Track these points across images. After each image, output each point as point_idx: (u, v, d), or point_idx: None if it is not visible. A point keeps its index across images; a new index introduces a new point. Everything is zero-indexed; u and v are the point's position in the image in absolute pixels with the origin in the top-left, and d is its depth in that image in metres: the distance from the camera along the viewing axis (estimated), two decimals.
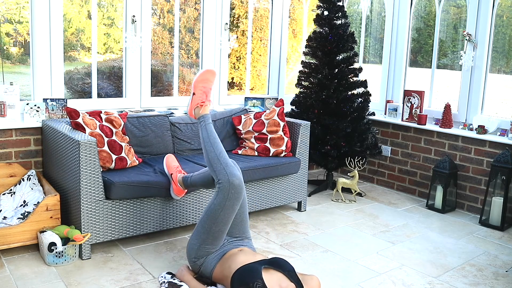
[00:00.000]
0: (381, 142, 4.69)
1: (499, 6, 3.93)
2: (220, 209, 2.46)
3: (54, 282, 2.55)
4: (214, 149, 2.61)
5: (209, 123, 2.73)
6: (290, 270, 2.29)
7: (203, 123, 2.73)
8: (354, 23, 5.09)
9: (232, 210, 2.49)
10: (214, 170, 2.56)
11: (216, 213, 2.46)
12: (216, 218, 2.47)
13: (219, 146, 2.64)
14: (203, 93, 2.80)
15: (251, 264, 2.29)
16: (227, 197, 2.46)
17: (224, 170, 2.51)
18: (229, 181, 2.46)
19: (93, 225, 2.82)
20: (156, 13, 4.75)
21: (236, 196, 2.47)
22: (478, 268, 2.97)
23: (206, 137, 2.68)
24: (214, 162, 2.57)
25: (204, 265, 2.51)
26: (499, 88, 4.11)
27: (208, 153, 2.62)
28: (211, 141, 2.65)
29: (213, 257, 2.51)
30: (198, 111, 2.79)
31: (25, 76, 3.72)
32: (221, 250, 2.53)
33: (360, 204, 4.16)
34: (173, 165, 3.04)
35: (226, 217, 2.48)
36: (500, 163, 3.63)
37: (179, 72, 4.34)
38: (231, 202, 2.46)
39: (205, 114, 2.76)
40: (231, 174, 2.48)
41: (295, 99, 4.39)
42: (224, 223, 2.49)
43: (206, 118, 2.75)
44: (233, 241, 2.60)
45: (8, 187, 3.22)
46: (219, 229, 2.49)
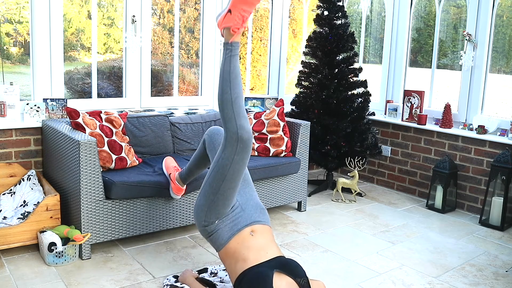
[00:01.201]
0: (381, 142, 4.69)
1: (499, 6, 3.93)
2: (229, 164, 2.25)
3: (54, 282, 2.55)
4: (231, 90, 2.28)
5: (235, 55, 2.33)
6: (302, 277, 2.18)
7: (229, 53, 2.32)
8: (354, 23, 5.09)
9: (242, 164, 2.28)
10: (223, 115, 2.28)
11: (225, 170, 2.26)
12: (225, 175, 2.27)
13: (238, 88, 2.30)
14: (241, 18, 2.31)
15: (262, 269, 2.17)
16: (235, 151, 2.24)
17: (234, 120, 2.24)
18: (238, 133, 2.23)
19: (93, 225, 2.82)
20: (156, 13, 4.74)
21: (245, 150, 2.26)
22: (478, 268, 2.97)
23: (227, 72, 2.30)
24: (226, 105, 2.27)
25: (216, 234, 2.35)
26: (499, 88, 4.10)
27: (223, 93, 2.29)
28: (231, 79, 2.29)
29: (226, 229, 2.34)
30: (228, 35, 2.32)
31: (25, 76, 3.72)
32: (235, 222, 2.35)
33: (360, 204, 4.16)
34: (171, 166, 3.03)
35: (236, 173, 2.28)
36: (500, 163, 3.63)
37: (179, 72, 4.34)
38: (240, 156, 2.26)
39: (235, 42, 2.32)
40: (240, 127, 2.23)
41: (295, 99, 4.39)
42: (234, 179, 2.29)
43: (235, 47, 2.32)
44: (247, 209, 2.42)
45: (8, 187, 3.22)
46: (229, 186, 2.29)
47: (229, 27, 2.31)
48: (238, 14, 2.31)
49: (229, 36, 2.33)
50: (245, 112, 2.30)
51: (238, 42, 2.34)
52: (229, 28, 2.31)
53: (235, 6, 2.30)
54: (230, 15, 2.32)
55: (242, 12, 2.31)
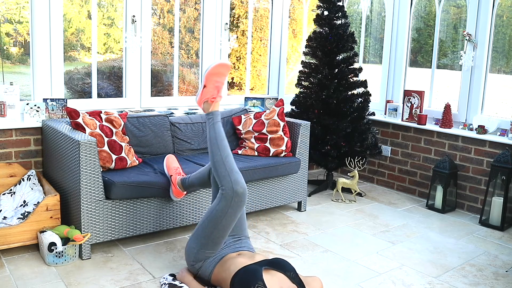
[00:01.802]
0: (381, 142, 4.69)
1: (499, 6, 3.93)
2: (222, 216, 2.41)
3: (54, 282, 2.55)
4: (221, 152, 2.52)
5: (218, 122, 2.60)
6: (291, 271, 2.27)
7: (211, 121, 2.60)
8: (354, 23, 5.09)
9: (234, 217, 2.44)
10: (218, 174, 2.48)
11: (218, 220, 2.42)
12: (217, 224, 2.42)
13: (226, 149, 2.54)
14: (215, 88, 2.61)
15: (251, 266, 2.27)
16: (229, 205, 2.40)
17: (228, 177, 2.43)
18: (233, 189, 2.40)
19: (93, 225, 2.82)
20: (156, 13, 4.75)
21: (239, 204, 2.41)
22: (478, 268, 2.97)
23: (214, 137, 2.56)
24: (219, 165, 2.49)
25: (203, 268, 2.49)
26: (499, 88, 4.10)
27: (214, 155, 2.53)
28: (218, 142, 2.54)
29: (211, 260, 2.48)
30: (208, 106, 2.63)
31: (25, 76, 3.72)
32: (220, 254, 2.50)
33: (360, 204, 4.16)
34: (173, 166, 3.03)
35: (227, 224, 2.43)
36: (500, 163, 3.63)
37: (179, 72, 4.34)
38: (233, 210, 2.41)
39: (215, 111, 2.61)
40: (235, 182, 2.41)
41: (295, 99, 4.39)
42: (225, 229, 2.45)
43: (215, 115, 2.60)
44: (231, 243, 2.57)
45: (8, 187, 3.22)
46: (219, 235, 2.45)
47: (207, 99, 2.62)
48: (212, 86, 2.61)
49: (208, 107, 2.62)
50: (237, 168, 2.50)
51: (217, 110, 2.63)
52: (207, 100, 2.62)
53: (209, 80, 2.61)
54: (206, 89, 2.62)
55: (215, 84, 2.61)
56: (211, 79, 2.61)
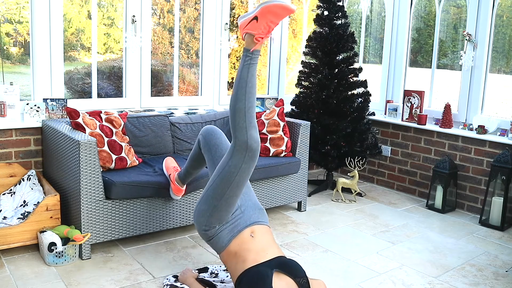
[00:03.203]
0: (381, 142, 4.69)
1: (499, 6, 3.93)
2: (236, 172, 2.26)
3: (54, 282, 2.55)
4: (246, 100, 2.26)
5: (254, 64, 2.29)
6: (302, 277, 2.18)
7: (248, 61, 2.28)
8: (354, 23, 5.09)
9: (248, 172, 2.30)
10: (235, 122, 2.27)
11: (231, 177, 2.26)
12: (230, 182, 2.27)
13: (252, 98, 2.29)
14: (267, 27, 2.25)
15: (262, 268, 2.18)
16: (243, 160, 2.25)
17: (245, 129, 2.24)
18: (247, 143, 2.24)
19: (93, 225, 2.82)
20: (156, 13, 4.74)
21: (252, 158, 2.27)
22: (478, 268, 2.97)
23: (244, 80, 2.27)
24: (238, 114, 2.26)
25: (216, 238, 2.36)
26: (499, 88, 4.10)
27: (237, 101, 2.27)
28: (247, 87, 2.27)
29: (226, 232, 2.35)
30: (251, 42, 2.27)
31: (25, 76, 3.72)
32: (235, 224, 2.36)
33: (360, 204, 4.16)
34: (171, 166, 3.03)
35: (241, 181, 2.29)
36: (500, 163, 3.63)
37: (179, 72, 4.34)
38: (247, 165, 2.27)
39: (256, 51, 2.28)
40: (250, 137, 2.24)
41: (295, 99, 4.39)
42: (238, 187, 2.30)
43: (255, 56, 2.28)
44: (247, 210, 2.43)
45: (8, 187, 3.22)
46: (233, 194, 2.30)
47: (253, 35, 2.25)
48: (265, 24, 2.25)
49: (251, 44, 2.27)
50: (256, 122, 2.30)
51: (259, 50, 2.29)
52: (252, 36, 2.25)
53: (264, 15, 2.23)
54: (256, 23, 2.25)
55: (269, 23, 2.25)
56: (266, 16, 2.23)
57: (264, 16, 2.23)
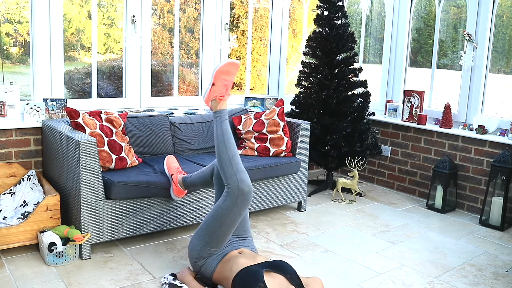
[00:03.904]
0: (381, 142, 4.69)
1: (499, 6, 3.93)
2: (227, 214, 2.42)
3: (54, 282, 2.55)
4: (227, 151, 2.51)
5: (225, 120, 2.60)
6: (292, 274, 2.27)
7: (219, 119, 2.59)
8: (354, 23, 5.09)
9: (239, 215, 2.45)
10: (224, 173, 2.49)
11: (223, 218, 2.43)
12: (222, 222, 2.43)
13: (233, 148, 2.54)
14: (224, 87, 2.61)
15: (252, 267, 2.28)
16: (235, 204, 2.41)
17: (235, 176, 2.44)
18: (239, 187, 2.41)
19: (93, 225, 2.82)
20: (156, 13, 4.75)
21: (244, 203, 2.43)
22: (478, 268, 2.97)
23: (221, 135, 2.55)
24: (225, 164, 2.49)
25: (205, 266, 2.50)
26: (499, 88, 4.10)
27: (221, 154, 2.53)
28: (225, 140, 2.53)
29: (213, 258, 2.49)
30: (216, 104, 2.62)
31: (25, 76, 3.72)
32: (222, 252, 2.51)
33: (360, 204, 4.16)
34: (174, 166, 3.03)
35: (232, 222, 2.45)
36: (500, 163, 3.63)
37: (179, 72, 4.34)
38: (238, 208, 2.42)
39: (223, 109, 2.61)
40: (241, 181, 2.42)
41: (295, 99, 4.39)
42: (229, 228, 2.46)
43: (223, 114, 2.60)
44: (234, 242, 2.58)
45: (8, 187, 3.22)
46: (223, 233, 2.46)
47: (215, 97, 2.61)
48: (221, 84, 2.61)
49: (216, 105, 2.62)
50: (243, 167, 2.50)
51: (225, 108, 2.62)
52: (215, 98, 2.61)
53: (217, 78, 2.62)
54: (214, 87, 2.62)
55: (224, 82, 2.61)
56: (220, 77, 2.61)
57: (218, 78, 2.61)
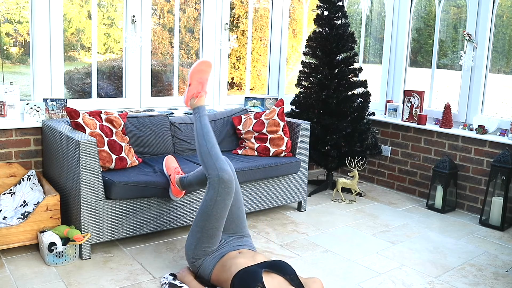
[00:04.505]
0: (381, 142, 4.69)
1: (499, 6, 3.93)
2: (212, 205, 2.45)
3: (54, 282, 2.55)
4: (206, 143, 2.59)
5: (204, 115, 2.70)
6: (291, 274, 2.25)
7: (197, 115, 2.71)
8: (354, 23, 5.09)
9: (224, 206, 2.47)
10: (205, 164, 2.55)
11: (208, 210, 2.45)
12: (209, 215, 2.46)
13: (212, 140, 2.62)
14: (199, 84, 2.77)
15: (251, 267, 2.27)
16: (217, 193, 2.45)
17: (214, 165, 2.50)
18: (219, 175, 2.45)
19: (93, 225, 2.82)
20: (156, 13, 4.75)
21: (226, 191, 2.46)
22: (478, 268, 2.97)
23: (200, 129, 2.65)
24: (205, 156, 2.56)
25: (203, 266, 2.49)
26: (499, 88, 4.11)
27: (200, 147, 2.61)
28: (204, 134, 2.63)
29: (211, 258, 2.48)
30: (194, 101, 2.77)
31: (25, 76, 3.72)
32: (220, 251, 2.50)
33: (360, 204, 4.16)
34: (172, 166, 3.03)
35: (218, 213, 2.46)
36: (500, 163, 3.63)
37: (179, 72, 4.34)
38: (222, 197, 2.45)
39: (200, 106, 2.75)
40: (220, 169, 2.47)
41: (295, 99, 4.39)
42: (217, 220, 2.47)
43: (201, 109, 2.73)
44: (231, 241, 2.57)
45: (8, 187, 3.22)
46: (212, 226, 2.47)
47: (193, 95, 2.77)
48: (196, 82, 2.77)
49: (194, 102, 2.77)
50: (222, 157, 2.57)
51: (203, 105, 2.75)
52: (193, 96, 2.77)
53: (192, 77, 2.78)
54: (191, 87, 2.79)
55: (199, 80, 2.77)
56: (194, 77, 2.77)
57: (193, 78, 2.78)
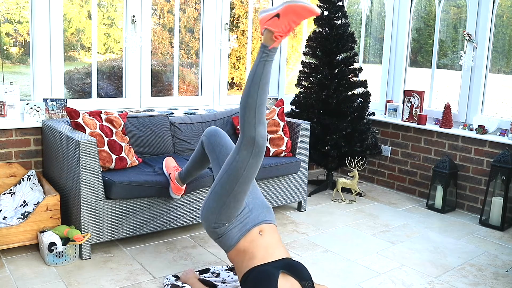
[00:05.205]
0: (381, 142, 4.69)
1: (499, 6, 3.93)
2: (243, 167, 2.27)
3: (54, 282, 2.55)
4: (258, 96, 2.26)
5: (270, 61, 2.29)
6: (307, 280, 2.19)
7: (265, 57, 2.27)
8: (354, 23, 5.09)
9: (255, 168, 2.31)
10: (244, 118, 2.27)
11: (239, 172, 2.28)
12: (238, 177, 2.28)
13: (264, 95, 2.28)
14: (288, 26, 2.24)
15: (268, 268, 2.19)
16: (250, 155, 2.26)
17: (254, 126, 2.25)
18: (255, 139, 2.25)
19: (93, 225, 2.82)
20: (156, 13, 4.75)
21: (259, 154, 2.28)
22: (478, 268, 2.97)
23: (259, 76, 2.26)
24: (249, 110, 2.26)
25: (226, 236, 2.36)
26: (499, 88, 4.11)
27: (249, 96, 2.26)
28: (260, 83, 2.26)
29: (236, 230, 2.35)
30: (269, 38, 2.25)
31: (25, 76, 3.72)
32: (244, 223, 2.36)
33: (360, 204, 4.16)
34: (172, 165, 3.04)
35: (248, 176, 2.30)
36: (500, 163, 3.63)
37: (179, 72, 4.34)
38: (254, 160, 2.28)
39: (274, 48, 2.28)
40: (258, 133, 2.25)
41: (295, 99, 4.39)
42: (247, 183, 2.31)
43: (272, 53, 2.28)
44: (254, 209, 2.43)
45: (8, 187, 3.22)
46: (241, 190, 2.30)
47: (273, 32, 2.24)
48: (286, 23, 2.24)
49: (269, 41, 2.26)
50: (265, 120, 2.30)
51: (277, 48, 2.29)
52: (272, 33, 2.24)
53: (286, 14, 2.23)
54: (278, 20, 2.24)
55: (291, 22, 2.24)
56: (289, 15, 2.22)
57: (287, 15, 2.22)
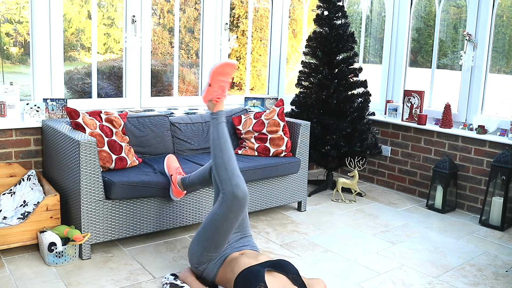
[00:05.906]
0: (381, 142, 4.69)
1: (499, 6, 3.93)
2: (223, 220, 2.39)
3: (54, 282, 2.55)
4: (223, 155, 2.47)
5: (222, 122, 2.55)
6: (294, 273, 2.26)
7: (215, 121, 2.56)
8: (354, 23, 5.09)
9: (235, 221, 2.42)
10: (219, 177, 2.45)
11: (219, 223, 2.40)
12: (218, 228, 2.40)
13: (229, 151, 2.49)
14: (220, 88, 2.57)
15: (254, 267, 2.27)
16: (230, 209, 2.38)
17: (229, 181, 2.40)
18: (233, 193, 2.37)
19: (93, 225, 2.82)
20: (156, 13, 4.74)
21: (239, 208, 2.39)
22: (478, 268, 2.97)
23: (216, 138, 2.51)
24: (220, 169, 2.45)
25: (207, 271, 2.49)
26: (499, 88, 4.11)
27: (216, 158, 2.48)
28: (220, 144, 2.49)
29: (214, 263, 2.47)
30: (212, 105, 2.59)
31: (25, 76, 3.72)
32: (223, 255, 2.49)
33: (360, 204, 4.16)
34: (173, 166, 3.03)
35: (228, 228, 2.42)
36: (500, 163, 3.63)
37: (179, 72, 4.34)
38: (234, 214, 2.39)
39: (219, 111, 2.57)
40: (236, 186, 2.38)
41: (295, 99, 4.39)
42: (226, 233, 2.43)
43: (220, 116, 2.56)
44: (234, 242, 2.56)
45: (8, 187, 3.22)
46: (221, 238, 2.43)
47: (211, 99, 2.58)
48: (217, 85, 2.58)
49: (213, 107, 2.59)
50: (239, 172, 2.45)
51: (222, 110, 2.58)
52: (211, 100, 2.59)
53: (214, 79, 2.57)
54: (211, 88, 2.59)
55: (220, 83, 2.57)
56: (216, 78, 2.58)
57: (215, 80, 2.57)
